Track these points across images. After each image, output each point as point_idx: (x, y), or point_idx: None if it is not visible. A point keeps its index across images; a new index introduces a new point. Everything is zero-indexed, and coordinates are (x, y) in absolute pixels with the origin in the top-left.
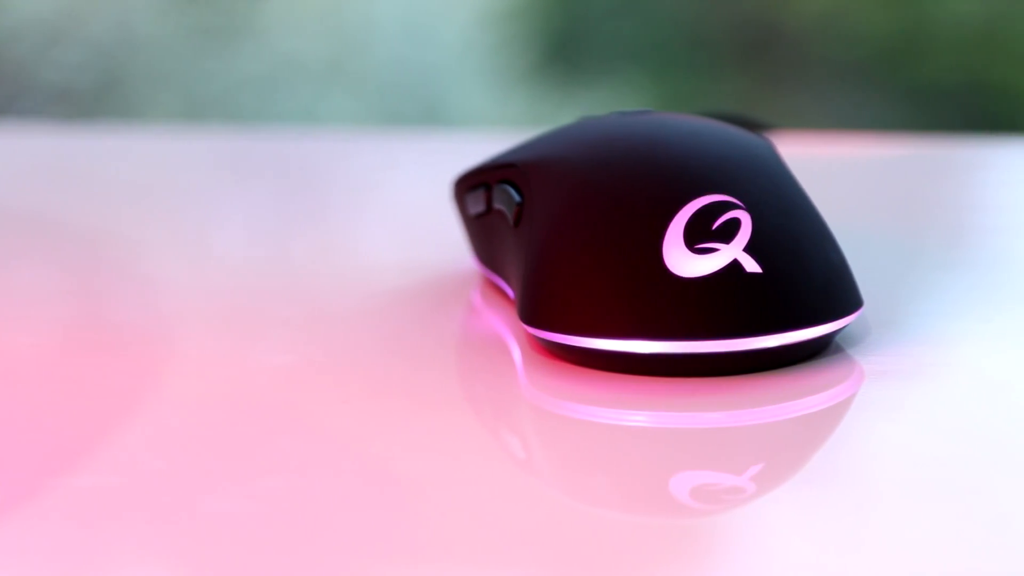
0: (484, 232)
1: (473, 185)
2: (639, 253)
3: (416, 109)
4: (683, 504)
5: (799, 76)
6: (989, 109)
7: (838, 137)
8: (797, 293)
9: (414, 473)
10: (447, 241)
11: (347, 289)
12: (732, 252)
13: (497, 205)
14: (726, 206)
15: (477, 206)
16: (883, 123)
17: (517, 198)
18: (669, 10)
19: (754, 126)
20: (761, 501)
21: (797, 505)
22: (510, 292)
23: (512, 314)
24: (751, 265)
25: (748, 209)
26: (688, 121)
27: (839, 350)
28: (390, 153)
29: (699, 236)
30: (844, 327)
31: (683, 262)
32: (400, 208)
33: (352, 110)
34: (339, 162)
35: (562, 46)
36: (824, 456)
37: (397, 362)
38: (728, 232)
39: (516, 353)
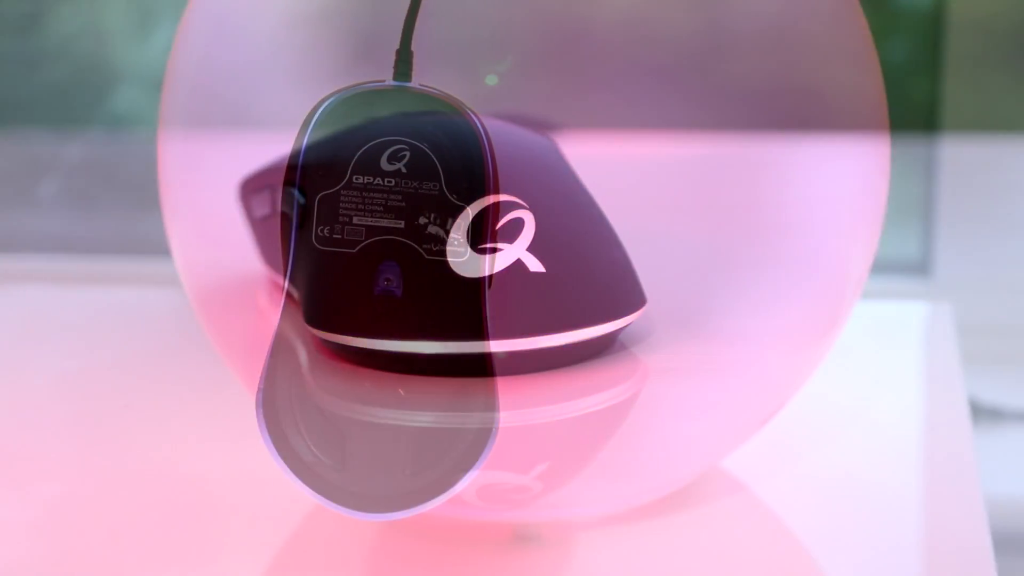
0: (271, 234)
1: (258, 187)
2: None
3: (223, 111)
4: (470, 504)
5: (604, 77)
6: (790, 107)
7: (639, 137)
8: (580, 292)
9: (196, 476)
10: (245, 243)
11: (138, 292)
12: (515, 252)
13: (282, 207)
14: (509, 206)
15: (263, 208)
16: (687, 123)
17: (301, 200)
18: (475, 11)
19: (540, 126)
20: (547, 500)
21: (582, 503)
22: (296, 294)
23: (298, 316)
24: (534, 264)
25: (531, 209)
26: None
27: (623, 348)
28: (195, 155)
29: (482, 236)
30: (627, 325)
31: (466, 262)
32: (202, 210)
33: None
34: (143, 164)
35: (371, 47)
36: (609, 454)
37: (182, 365)
38: (511, 232)
39: (302, 355)
